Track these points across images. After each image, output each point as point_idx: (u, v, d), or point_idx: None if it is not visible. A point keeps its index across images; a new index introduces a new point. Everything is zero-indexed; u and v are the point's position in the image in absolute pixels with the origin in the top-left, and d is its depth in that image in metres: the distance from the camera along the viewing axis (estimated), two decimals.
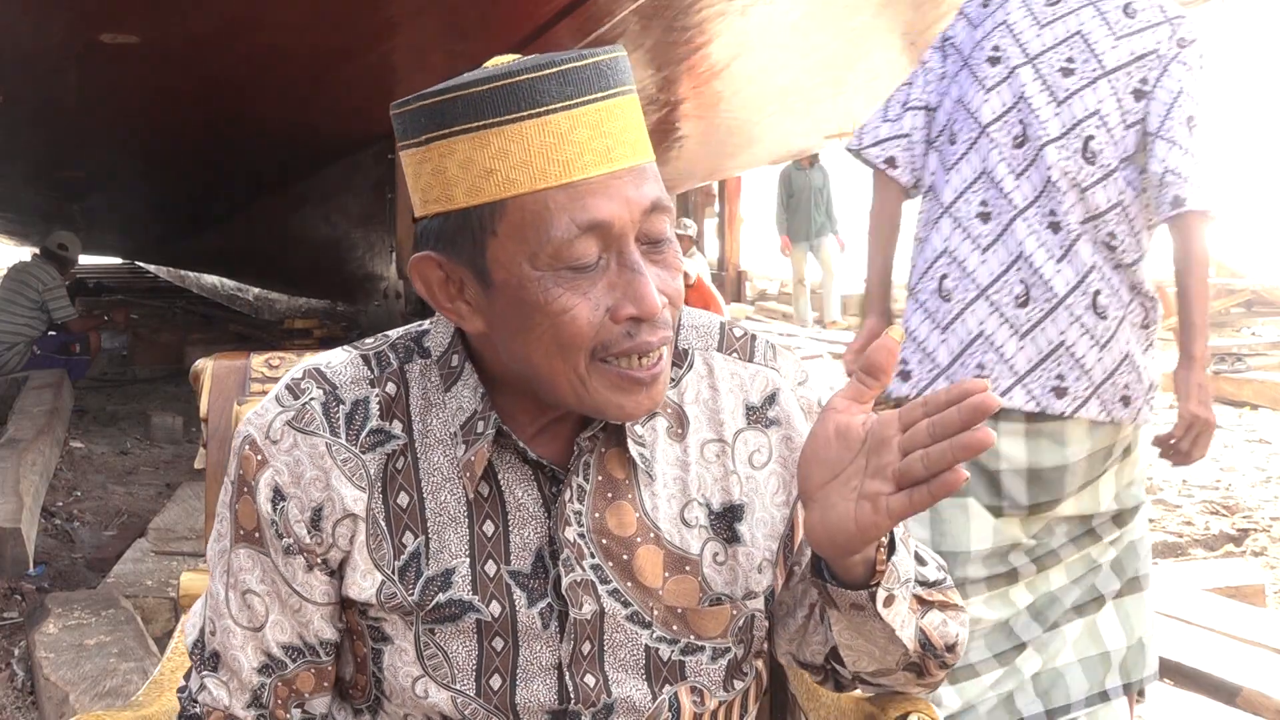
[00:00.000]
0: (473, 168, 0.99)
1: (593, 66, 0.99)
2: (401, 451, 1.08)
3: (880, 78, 6.51)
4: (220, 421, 1.51)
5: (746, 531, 1.13)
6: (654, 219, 1.02)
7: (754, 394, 1.16)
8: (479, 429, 1.07)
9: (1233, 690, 3.11)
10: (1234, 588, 3.96)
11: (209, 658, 1.13)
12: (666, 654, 1.10)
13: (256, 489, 1.08)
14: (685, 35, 5.48)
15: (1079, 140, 2.32)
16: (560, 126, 0.98)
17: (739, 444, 1.14)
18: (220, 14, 5.20)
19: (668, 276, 1.03)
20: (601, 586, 1.08)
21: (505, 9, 5.20)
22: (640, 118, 1.04)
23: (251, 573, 1.10)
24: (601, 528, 1.09)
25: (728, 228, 13.64)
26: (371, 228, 7.70)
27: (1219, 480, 5.66)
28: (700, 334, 1.17)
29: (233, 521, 1.10)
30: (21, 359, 7.59)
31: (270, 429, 1.08)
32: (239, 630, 1.11)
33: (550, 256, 0.99)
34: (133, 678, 2.94)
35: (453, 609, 1.07)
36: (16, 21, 5.40)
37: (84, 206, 11.81)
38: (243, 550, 1.10)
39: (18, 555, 4.02)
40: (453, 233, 1.02)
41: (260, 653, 1.11)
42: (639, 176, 1.01)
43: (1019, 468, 2.35)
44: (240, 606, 1.11)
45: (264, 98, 6.56)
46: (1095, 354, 2.31)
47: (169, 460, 6.07)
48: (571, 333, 0.99)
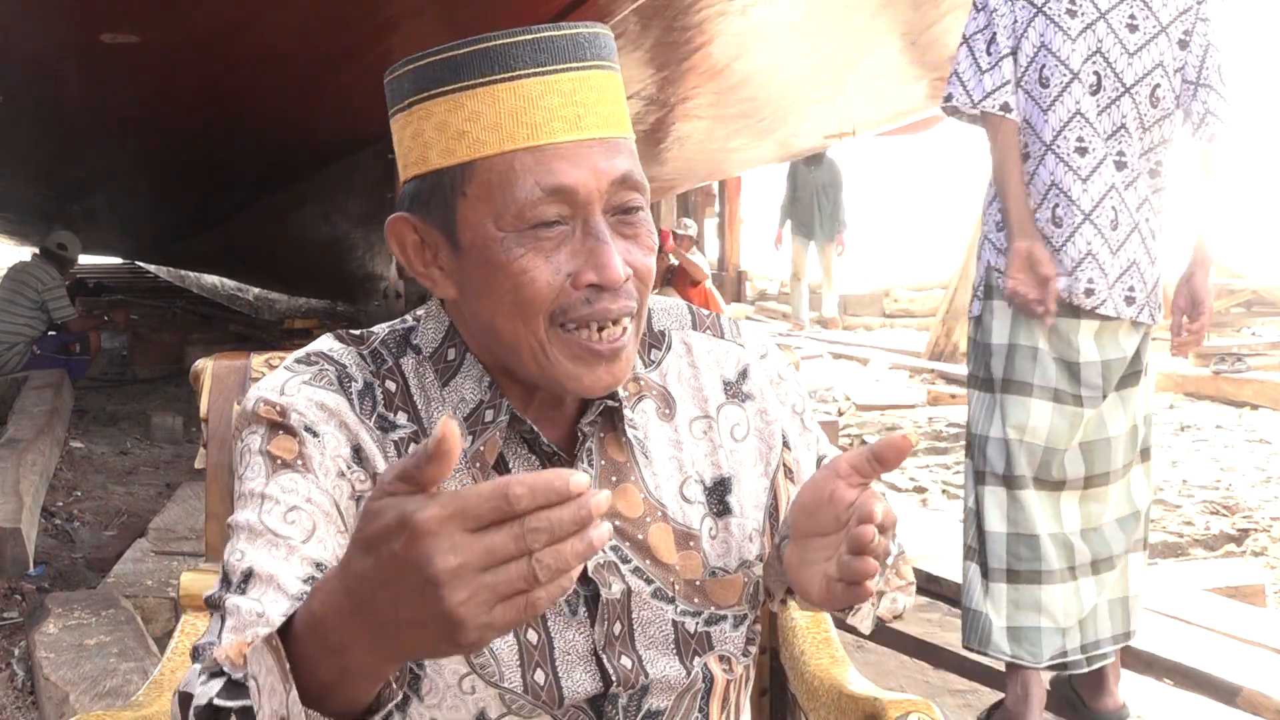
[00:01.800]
0: (447, 130, 1.02)
1: (569, 37, 1.01)
2: (411, 438, 1.08)
3: (880, 77, 6.51)
4: (220, 421, 1.51)
5: (736, 503, 1.16)
6: (624, 192, 1.03)
7: (729, 369, 1.19)
8: (488, 418, 1.08)
9: (1233, 690, 3.11)
10: (1234, 588, 3.96)
11: (237, 584, 1.00)
12: (692, 627, 1.12)
13: (291, 425, 1.04)
14: (685, 35, 5.48)
15: (1148, 88, 2.72)
16: (531, 91, 1.00)
17: (722, 418, 1.17)
18: (220, 14, 5.20)
19: (638, 251, 1.05)
20: (623, 566, 1.10)
21: (505, 9, 5.20)
22: (619, 95, 1.05)
23: (296, 492, 1.02)
24: (611, 510, 1.10)
25: (728, 228, 13.65)
26: (371, 228, 7.70)
27: (1219, 480, 5.66)
28: (672, 315, 1.20)
29: (267, 461, 1.04)
30: (21, 359, 7.59)
31: (284, 389, 1.07)
32: (282, 543, 1.00)
33: (514, 217, 1.00)
34: (133, 678, 2.94)
35: None
36: (17, 21, 5.40)
37: (84, 206, 11.80)
38: (283, 476, 1.03)
39: (18, 555, 4.02)
40: (427, 194, 1.05)
41: (307, 563, 1.00)
42: (610, 148, 1.02)
43: (1093, 360, 2.78)
44: (281, 522, 1.01)
45: (264, 98, 6.56)
46: (1152, 270, 2.81)
47: (169, 460, 6.07)
48: (530, 293, 1.01)
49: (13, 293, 7.74)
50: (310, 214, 9.06)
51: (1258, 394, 7.72)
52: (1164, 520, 4.96)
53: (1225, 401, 7.79)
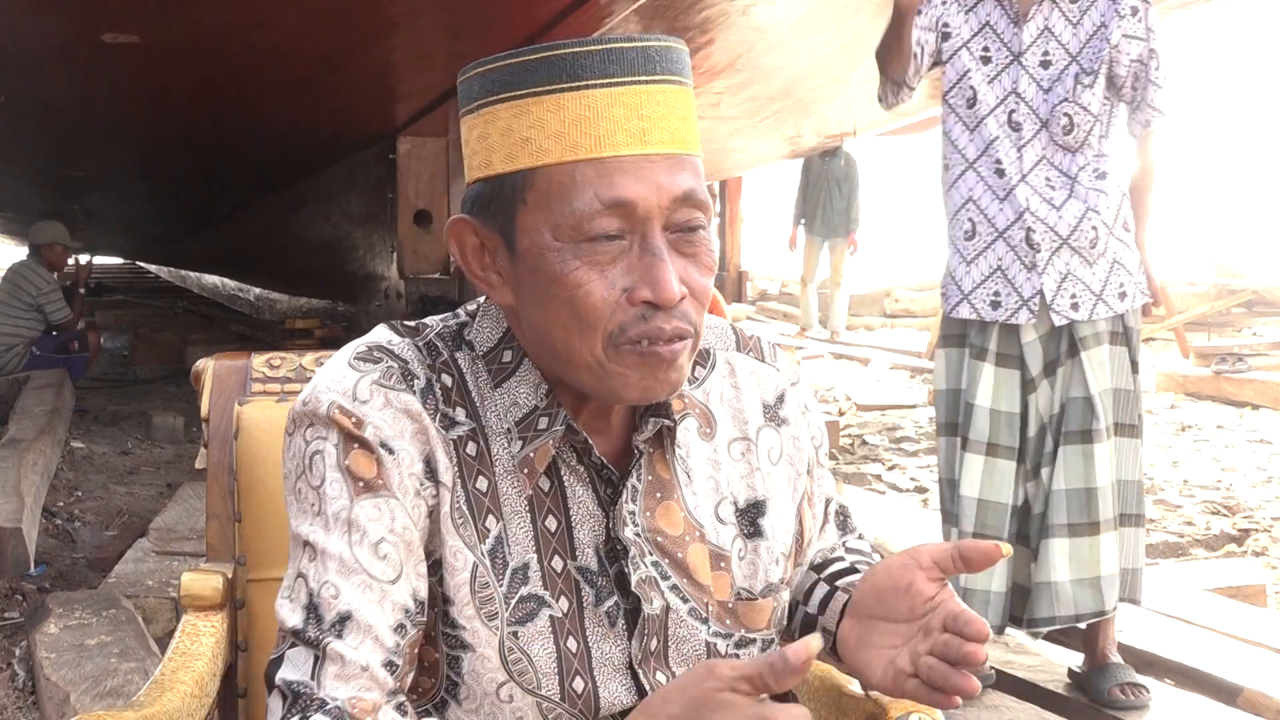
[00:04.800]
0: (512, 135, 1.01)
1: (639, 50, 1.01)
2: (471, 436, 1.07)
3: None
4: (221, 421, 1.50)
5: (768, 527, 1.16)
6: (685, 210, 1.02)
7: (768, 393, 1.19)
8: (541, 425, 1.07)
9: (1234, 690, 3.10)
10: (1235, 588, 3.96)
11: (333, 624, 1.00)
12: (724, 648, 1.12)
13: (368, 440, 1.03)
14: (686, 35, 5.48)
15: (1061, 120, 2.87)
16: (597, 102, 0.99)
17: (761, 441, 1.17)
18: (221, 14, 5.19)
19: (696, 271, 1.03)
20: (663, 583, 1.09)
21: (505, 9, 5.20)
22: (689, 111, 1.04)
23: (380, 521, 1.02)
24: (655, 527, 1.10)
25: (728, 228, 13.64)
26: (373, 228, 7.70)
27: (1220, 480, 5.66)
28: (717, 335, 1.20)
29: (346, 478, 1.03)
30: (21, 360, 7.59)
31: (356, 391, 1.05)
32: (376, 585, 1.01)
33: (571, 228, 0.99)
34: (134, 678, 2.94)
35: (532, 604, 1.06)
36: (17, 21, 5.41)
37: (84, 206, 11.81)
38: (367, 500, 1.02)
39: (19, 555, 4.02)
40: (489, 198, 1.04)
41: (397, 609, 1.01)
42: (675, 164, 1.01)
43: None
44: (373, 559, 1.01)
45: (265, 98, 6.56)
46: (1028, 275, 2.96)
47: (170, 460, 6.07)
48: (586, 307, 1.00)
49: (10, 295, 7.73)
50: (311, 214, 9.07)
51: (1258, 394, 7.72)
52: (1165, 520, 4.96)
53: (1226, 401, 7.80)
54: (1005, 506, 2.92)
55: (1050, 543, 2.88)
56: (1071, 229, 2.86)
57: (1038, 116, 2.88)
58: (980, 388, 2.92)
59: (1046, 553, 2.88)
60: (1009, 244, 2.89)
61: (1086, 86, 2.85)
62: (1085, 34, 2.88)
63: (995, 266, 2.91)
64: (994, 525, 2.92)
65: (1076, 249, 2.87)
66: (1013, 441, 2.92)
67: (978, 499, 2.92)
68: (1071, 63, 2.87)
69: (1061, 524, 2.88)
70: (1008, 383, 2.93)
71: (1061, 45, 2.88)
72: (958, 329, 3.01)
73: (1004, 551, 0.99)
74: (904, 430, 7.13)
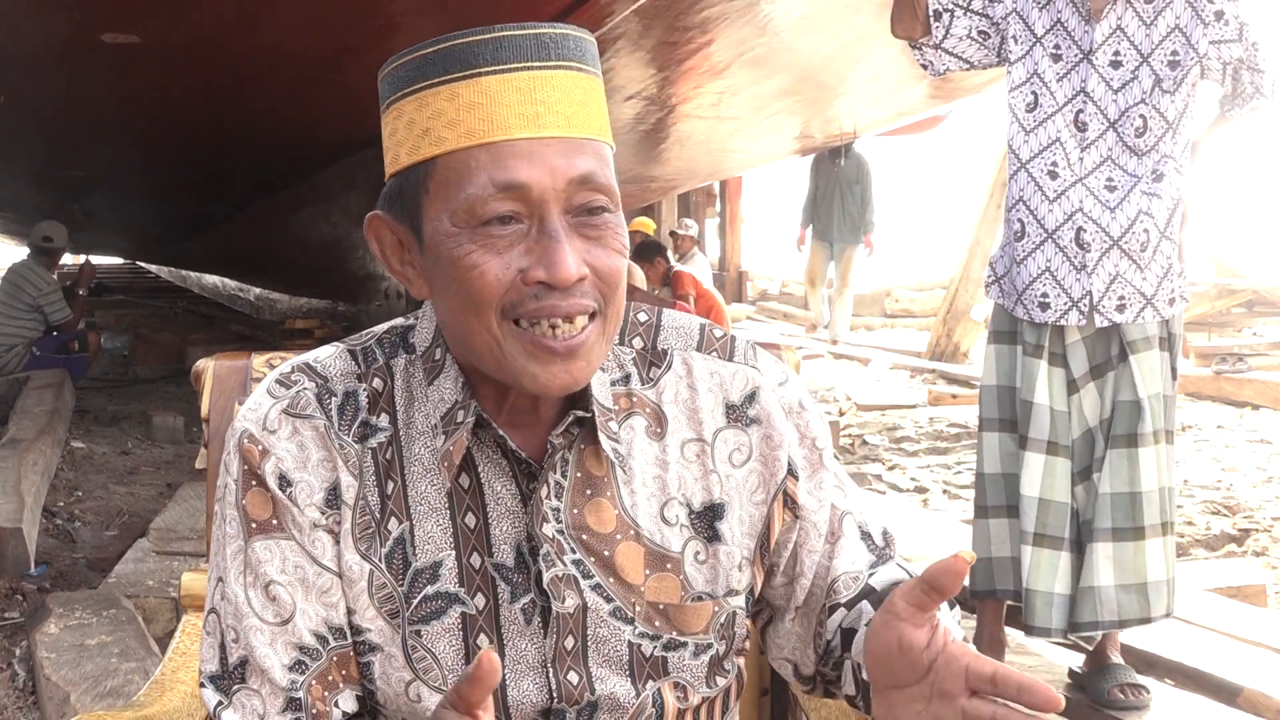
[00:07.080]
0: (415, 127, 1.02)
1: (533, 37, 1.01)
2: (389, 442, 1.09)
3: (882, 77, 6.51)
4: (221, 421, 1.51)
5: (727, 530, 1.13)
6: (585, 193, 1.02)
7: (734, 392, 1.16)
8: (458, 418, 1.07)
9: (1234, 690, 3.11)
10: (1235, 588, 3.96)
11: (234, 669, 1.07)
12: (649, 650, 1.10)
13: (265, 477, 1.07)
14: (687, 35, 5.48)
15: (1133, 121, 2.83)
16: (490, 88, 1.00)
17: (719, 443, 1.14)
18: (221, 14, 5.19)
19: (600, 253, 1.03)
20: (584, 581, 1.08)
21: (505, 9, 5.20)
22: (589, 96, 1.04)
23: (271, 563, 1.06)
24: (581, 524, 1.09)
25: (729, 228, 13.65)
26: None
27: (1220, 480, 5.66)
28: (680, 334, 1.17)
29: (242, 518, 1.08)
30: (21, 360, 7.59)
31: (266, 420, 1.08)
32: (266, 628, 1.06)
33: (466, 213, 1.00)
34: (134, 678, 2.94)
35: (439, 602, 1.07)
36: (17, 21, 5.40)
37: (84, 206, 11.80)
38: (258, 542, 1.07)
39: (19, 555, 4.02)
40: (397, 193, 1.05)
41: (291, 648, 1.06)
42: (570, 147, 1.01)
43: None
44: (264, 602, 1.07)
45: (265, 98, 6.56)
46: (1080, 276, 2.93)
47: (170, 460, 6.07)
48: (478, 287, 1.00)
49: (10, 296, 7.74)
50: (311, 214, 9.06)
51: (1259, 394, 7.72)
52: None
53: (1226, 402, 7.80)
54: (1065, 506, 2.89)
55: (1095, 547, 2.84)
56: (1124, 230, 2.83)
57: (1105, 117, 2.84)
58: (1039, 386, 2.89)
59: (1091, 557, 2.84)
60: (1058, 245, 2.87)
61: (1166, 92, 2.81)
62: (1159, 35, 2.83)
63: (1044, 268, 2.88)
64: (1055, 525, 2.88)
65: (1127, 251, 2.83)
66: (1068, 441, 2.90)
67: (1038, 498, 2.88)
68: (1143, 63, 2.82)
69: (1106, 528, 2.84)
70: (1059, 382, 2.91)
71: (1134, 45, 2.83)
72: (1008, 325, 2.98)
73: (967, 559, 0.92)
74: (904, 430, 7.13)
